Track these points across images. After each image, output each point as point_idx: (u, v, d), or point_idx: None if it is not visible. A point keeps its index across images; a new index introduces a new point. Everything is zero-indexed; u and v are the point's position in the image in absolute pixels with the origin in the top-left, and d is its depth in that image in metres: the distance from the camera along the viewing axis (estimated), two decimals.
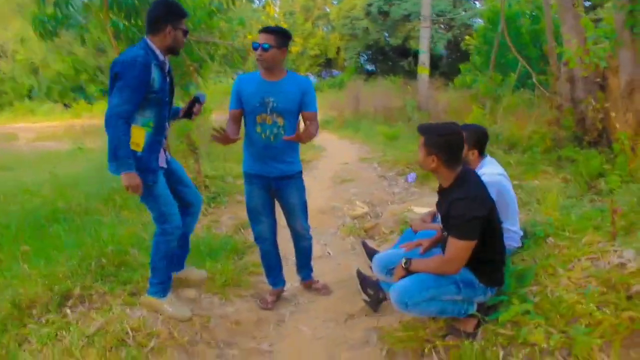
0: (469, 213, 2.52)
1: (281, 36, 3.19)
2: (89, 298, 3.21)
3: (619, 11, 5.80)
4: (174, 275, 3.42)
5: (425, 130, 2.69)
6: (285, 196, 3.47)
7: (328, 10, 30.88)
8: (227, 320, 3.33)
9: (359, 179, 7.10)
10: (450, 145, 2.61)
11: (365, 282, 3.40)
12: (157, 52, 2.96)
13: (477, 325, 2.78)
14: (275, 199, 3.54)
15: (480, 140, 3.27)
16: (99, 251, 3.68)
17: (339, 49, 30.48)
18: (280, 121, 3.24)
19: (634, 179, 4.53)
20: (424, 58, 12.34)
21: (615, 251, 2.97)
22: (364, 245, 3.95)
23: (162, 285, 3.17)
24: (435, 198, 2.96)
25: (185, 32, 3.06)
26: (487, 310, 2.81)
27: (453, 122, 2.75)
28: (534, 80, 7.53)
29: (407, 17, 22.99)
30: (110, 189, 5.90)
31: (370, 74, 26.83)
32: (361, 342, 3.08)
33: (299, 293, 3.89)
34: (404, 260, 2.75)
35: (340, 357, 2.97)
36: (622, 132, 5.06)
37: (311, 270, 3.87)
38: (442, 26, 22.44)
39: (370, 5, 23.97)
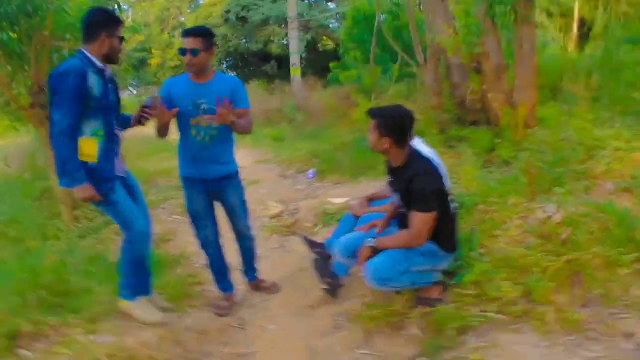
0: (429, 186, 2.74)
1: (207, 37, 3.14)
2: (43, 333, 2.96)
3: (480, 3, 6.51)
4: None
5: (376, 113, 2.87)
6: (225, 197, 3.45)
7: (183, 19, 30.21)
8: (193, 331, 3.24)
9: (262, 181, 7.14)
10: (402, 126, 2.81)
11: (322, 271, 3.49)
12: (94, 60, 2.84)
13: (442, 291, 3.02)
14: (214, 201, 3.51)
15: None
16: (32, 283, 3.38)
17: None
18: (214, 122, 3.21)
19: (521, 148, 5.11)
20: (295, 59, 12.65)
21: (540, 207, 3.40)
22: (305, 238, 4.04)
23: (131, 289, 3.13)
24: (337, 189, 3.15)
25: (121, 39, 2.95)
26: (448, 275, 3.06)
27: (400, 105, 2.96)
28: (414, 70, 8.12)
29: (266, 22, 23.25)
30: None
31: None
32: (333, 328, 3.19)
33: (248, 295, 3.87)
34: (369, 240, 2.90)
35: (319, 345, 3.04)
36: (506, 108, 5.68)
37: (256, 270, 3.88)
38: (301, 28, 23.07)
39: (227, 12, 23.84)
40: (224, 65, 27.77)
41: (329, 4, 24.78)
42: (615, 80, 5.67)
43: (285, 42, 23.14)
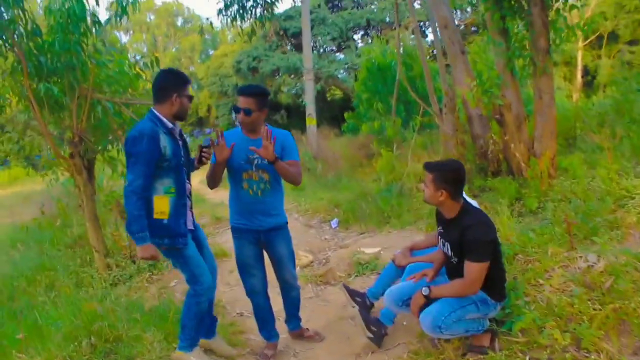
0: (484, 237, 2.88)
1: (261, 98, 3.34)
2: None
3: (500, 57, 6.79)
4: (205, 341, 3.48)
5: (434, 167, 3.03)
6: (274, 247, 3.56)
7: (193, 69, 31.05)
8: None
9: None
10: (458, 179, 2.98)
11: (368, 320, 3.58)
12: (164, 120, 3.04)
13: (492, 339, 3.10)
14: (263, 252, 3.63)
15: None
16: (85, 329, 3.48)
17: (209, 107, 30.62)
18: (265, 176, 3.37)
19: (547, 198, 5.25)
20: (311, 109, 12.97)
21: (580, 257, 3.51)
22: (347, 288, 4.12)
23: (190, 341, 3.23)
24: (367, 239, 3.25)
25: (190, 98, 3.15)
26: (497, 324, 3.15)
27: (454, 159, 3.13)
28: (436, 120, 8.36)
29: (276, 72, 23.89)
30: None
31: None
32: None
33: (290, 344, 3.93)
34: (424, 289, 3.01)
35: None
36: (534, 159, 5.85)
37: (300, 319, 3.95)
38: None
39: (239, 62, 24.54)
40: (233, 115, 28.35)
41: (338, 54, 25.47)
42: (636, 130, 5.84)
43: (294, 92, 23.69)
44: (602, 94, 13.37)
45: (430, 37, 20.30)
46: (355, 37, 25.93)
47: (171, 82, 3.10)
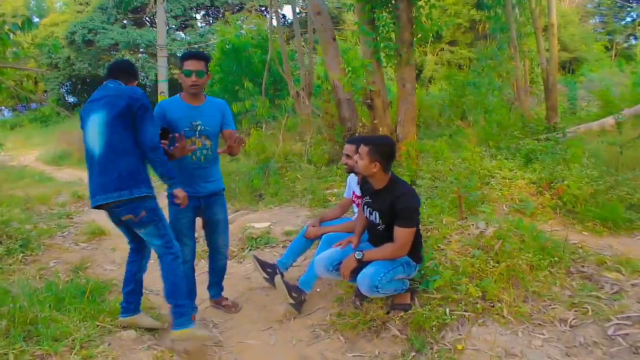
0: (415, 205, 3.22)
1: (208, 61, 3.42)
2: None
3: (368, 46, 7.32)
4: (131, 318, 3.32)
5: (369, 141, 3.28)
6: (213, 212, 3.62)
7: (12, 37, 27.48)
8: (179, 354, 3.29)
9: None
10: (390, 154, 3.26)
11: (289, 287, 3.75)
12: None
13: (412, 297, 3.49)
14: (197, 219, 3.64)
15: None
16: None
17: (36, 79, 27.54)
18: (208, 143, 3.44)
19: (418, 176, 5.88)
20: (163, 87, 12.44)
21: (472, 225, 4.07)
22: (257, 259, 4.25)
23: (187, 311, 3.20)
24: (251, 215, 3.52)
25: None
26: (413, 283, 3.56)
27: (387, 136, 3.42)
28: (307, 103, 8.67)
29: (114, 47, 22.25)
30: None
31: (73, 106, 25.14)
32: (314, 338, 3.46)
33: (207, 315, 3.92)
34: (357, 253, 3.27)
35: (309, 353, 3.30)
36: (407, 141, 6.45)
37: (222, 288, 4.00)
38: (154, 56, 22.54)
39: (73, 33, 22.33)
40: (63, 90, 25.90)
41: (179, 32, 24.57)
42: (487, 118, 6.77)
43: None
44: (433, 87, 15.01)
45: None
46: (197, 16, 25.25)
47: (135, 71, 3.35)
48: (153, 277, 3.89)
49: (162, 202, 3.28)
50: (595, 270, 3.77)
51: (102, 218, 6.47)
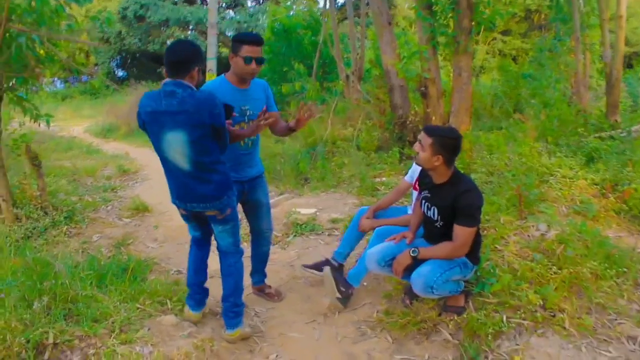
0: (476, 203, 3.03)
1: (263, 46, 3.26)
2: (71, 345, 2.76)
3: (424, 32, 7.05)
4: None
5: (434, 132, 3.06)
6: (256, 195, 3.54)
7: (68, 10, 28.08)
8: (220, 342, 3.21)
9: None
10: (455, 148, 3.07)
11: (338, 280, 3.63)
12: None
13: (466, 300, 3.32)
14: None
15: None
16: (35, 290, 3.11)
17: (87, 52, 28.17)
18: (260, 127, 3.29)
19: (472, 170, 5.64)
20: (212, 65, 12.37)
21: (532, 226, 3.85)
22: (306, 267, 4.11)
23: (243, 309, 3.30)
24: (297, 199, 3.38)
25: (203, 72, 3.06)
26: (470, 285, 3.37)
27: (453, 127, 3.22)
28: (358, 88, 8.48)
29: (165, 23, 22.41)
30: None
31: (122, 80, 25.53)
32: (359, 336, 3.34)
33: (250, 303, 3.85)
34: (412, 250, 3.12)
35: (355, 351, 3.18)
36: (461, 132, 6.20)
37: (265, 275, 3.92)
38: (203, 34, 22.61)
39: (125, 8, 22.59)
40: (113, 64, 26.30)
41: (228, 11, 24.54)
42: (546, 114, 6.44)
43: None
44: (484, 77, 14.53)
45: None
46: None
47: (193, 56, 2.84)
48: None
49: None
50: None
51: (146, 194, 6.58)
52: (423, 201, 3.32)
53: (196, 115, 2.71)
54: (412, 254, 3.10)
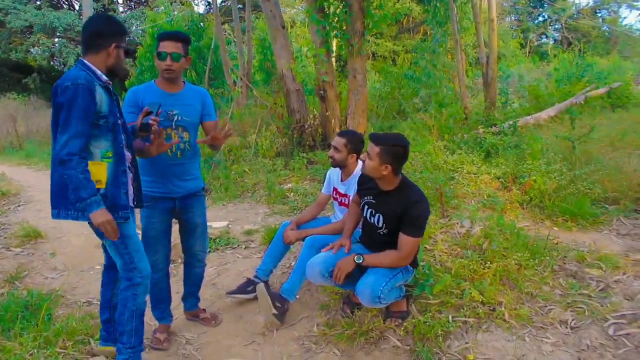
0: (425, 213, 2.96)
1: (187, 43, 2.98)
2: None
3: (318, 36, 7.05)
4: (102, 348, 2.88)
5: (380, 140, 2.94)
6: (190, 215, 3.21)
7: None
8: None
9: None
10: (404, 155, 2.96)
11: (273, 296, 3.43)
12: (99, 72, 2.47)
13: (407, 303, 3.29)
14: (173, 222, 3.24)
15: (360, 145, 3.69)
16: None
17: None
18: (185, 135, 3.01)
19: None
20: None
21: (457, 223, 3.94)
22: (231, 292, 3.85)
23: (134, 350, 2.62)
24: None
25: (127, 52, 2.59)
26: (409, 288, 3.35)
27: (400, 134, 3.13)
28: (255, 93, 8.23)
29: (29, 29, 20.32)
30: None
31: None
32: (305, 352, 3.17)
33: (180, 328, 3.54)
34: (356, 257, 2.99)
35: None
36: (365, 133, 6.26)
37: (199, 299, 3.60)
38: (72, 41, 20.80)
39: None
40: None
41: None
42: (443, 112, 6.72)
43: (47, 54, 20.66)
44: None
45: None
46: (119, 0, 23.78)
47: (109, 30, 2.52)
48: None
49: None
50: (578, 267, 3.76)
51: (35, 218, 5.85)
52: (366, 207, 3.20)
53: (52, 99, 2.43)
54: (356, 261, 2.99)
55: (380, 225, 3.10)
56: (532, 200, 4.80)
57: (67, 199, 2.43)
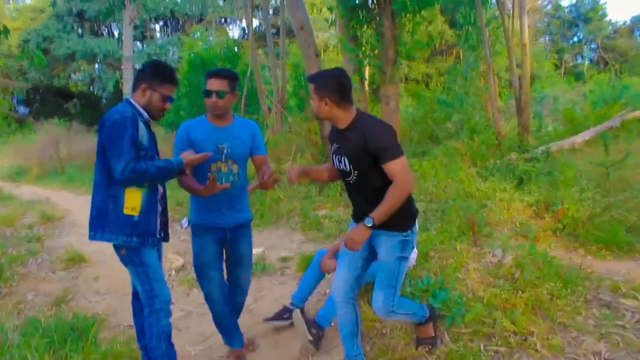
0: (387, 134, 2.70)
1: (233, 80, 3.12)
2: None
3: (350, 63, 7.23)
4: None
5: (313, 77, 2.81)
6: (238, 246, 3.34)
7: None
8: None
9: None
10: (339, 85, 2.73)
11: (309, 322, 3.55)
12: (139, 108, 2.76)
13: (434, 328, 3.34)
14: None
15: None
16: None
17: None
18: (235, 168, 3.15)
19: None
20: None
21: (489, 252, 3.99)
22: (268, 319, 3.97)
23: None
24: None
25: (166, 99, 2.81)
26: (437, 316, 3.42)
27: (336, 67, 2.96)
28: (289, 120, 8.46)
29: (71, 56, 21.30)
30: None
31: (23, 118, 23.87)
32: None
33: (214, 353, 3.68)
34: (366, 220, 2.68)
35: None
36: None
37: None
38: (111, 67, 21.68)
39: (27, 41, 21.24)
40: (14, 100, 24.58)
41: (136, 43, 23.86)
42: (476, 139, 6.78)
43: (87, 80, 21.55)
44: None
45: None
46: (156, 27, 24.63)
47: (146, 73, 2.81)
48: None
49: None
50: (612, 297, 3.75)
51: (79, 242, 6.12)
52: (334, 155, 2.94)
53: (100, 132, 2.68)
54: (367, 225, 2.67)
55: (348, 169, 2.83)
56: (565, 228, 4.81)
57: (105, 222, 2.66)
